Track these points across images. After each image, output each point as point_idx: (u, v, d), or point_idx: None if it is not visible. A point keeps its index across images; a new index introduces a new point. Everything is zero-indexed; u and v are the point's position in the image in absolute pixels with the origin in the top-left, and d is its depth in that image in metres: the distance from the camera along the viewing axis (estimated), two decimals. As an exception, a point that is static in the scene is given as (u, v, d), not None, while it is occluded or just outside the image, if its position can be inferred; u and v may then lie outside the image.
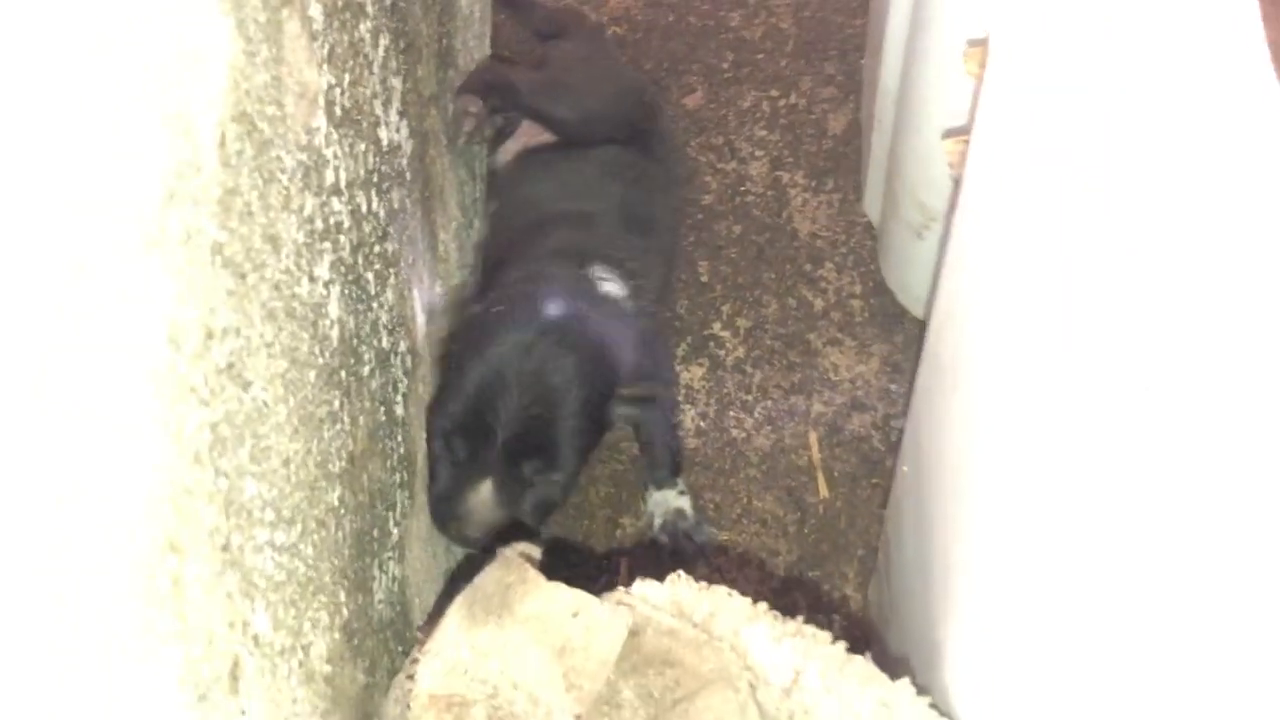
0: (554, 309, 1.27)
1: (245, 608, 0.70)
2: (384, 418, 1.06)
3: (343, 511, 0.91)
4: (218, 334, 0.67)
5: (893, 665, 0.92)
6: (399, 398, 1.12)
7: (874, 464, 1.56)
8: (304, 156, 0.84)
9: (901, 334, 1.63)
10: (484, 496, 1.23)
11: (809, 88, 1.81)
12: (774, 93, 1.81)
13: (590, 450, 1.33)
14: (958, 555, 0.90)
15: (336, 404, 0.90)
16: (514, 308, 1.28)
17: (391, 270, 1.10)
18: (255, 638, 0.72)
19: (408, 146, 1.19)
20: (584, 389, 1.24)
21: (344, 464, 0.92)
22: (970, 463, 0.87)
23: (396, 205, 1.13)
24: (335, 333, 0.90)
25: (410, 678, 0.94)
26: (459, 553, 1.33)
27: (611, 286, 1.37)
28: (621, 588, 0.94)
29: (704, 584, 0.93)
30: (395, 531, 1.08)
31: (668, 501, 1.48)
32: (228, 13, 0.70)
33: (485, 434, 1.23)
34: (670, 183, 1.62)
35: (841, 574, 1.51)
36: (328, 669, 0.86)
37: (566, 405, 1.23)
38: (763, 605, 0.92)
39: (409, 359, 1.17)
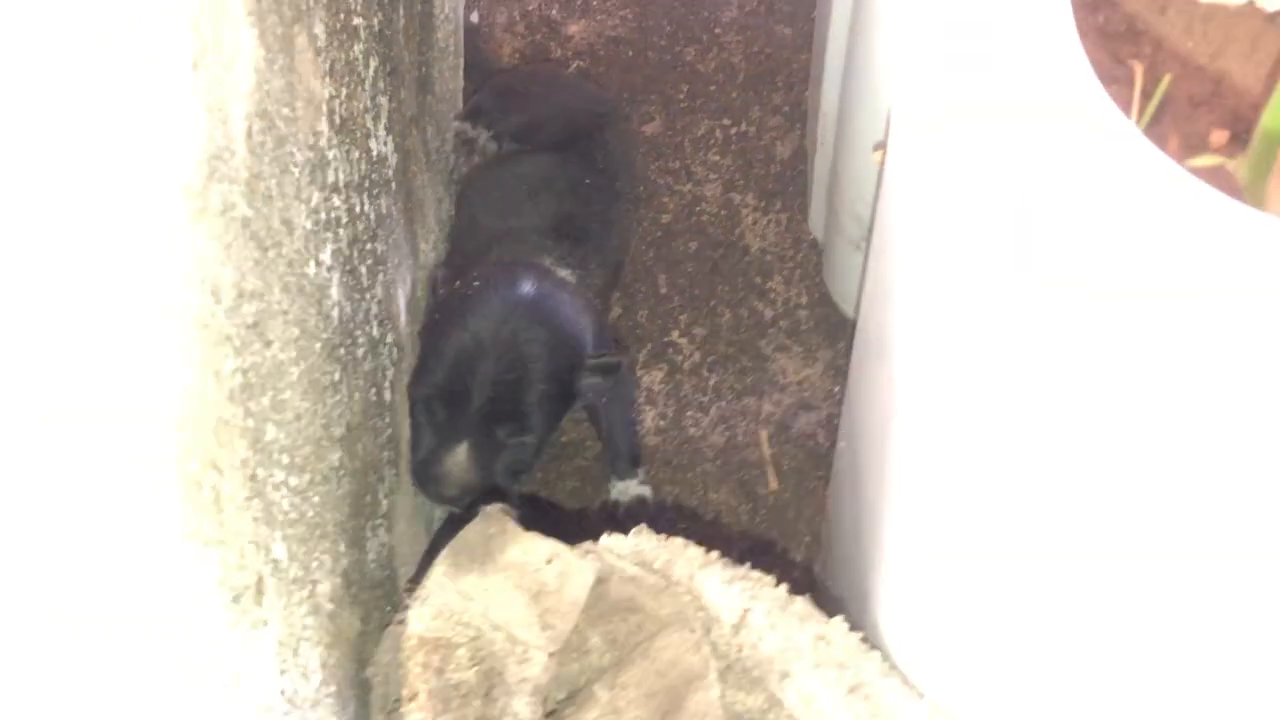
0: (524, 287, 1.38)
1: (267, 534, 0.81)
2: (374, 398, 1.16)
3: (342, 472, 1.01)
4: (247, 294, 0.78)
5: (830, 607, 1.03)
6: (387, 383, 1.22)
7: (819, 458, 1.67)
8: (311, 155, 0.95)
9: (844, 340, 1.75)
10: (460, 458, 1.32)
11: (758, 117, 1.93)
12: (726, 121, 1.93)
13: (559, 416, 1.43)
14: (884, 509, 1.01)
15: (337, 376, 1.01)
16: (487, 285, 1.39)
17: (380, 268, 1.21)
18: (275, 563, 0.82)
19: (393, 160, 1.30)
20: (554, 357, 1.35)
21: (343, 430, 1.02)
22: (894, 424, 0.98)
23: (384, 211, 1.24)
24: (335, 313, 1.01)
25: (400, 624, 1.04)
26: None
27: (565, 273, 1.48)
28: (589, 541, 1.05)
29: (663, 536, 1.04)
30: (384, 503, 1.18)
31: (629, 491, 1.58)
32: (253, 24, 0.81)
33: (462, 400, 1.32)
34: (611, 193, 1.69)
35: (790, 559, 1.62)
36: (331, 607, 0.96)
37: (537, 372, 1.34)
38: (714, 553, 1.03)
39: (395, 350, 1.27)
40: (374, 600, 1.10)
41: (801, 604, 1.01)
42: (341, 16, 1.06)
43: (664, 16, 2.03)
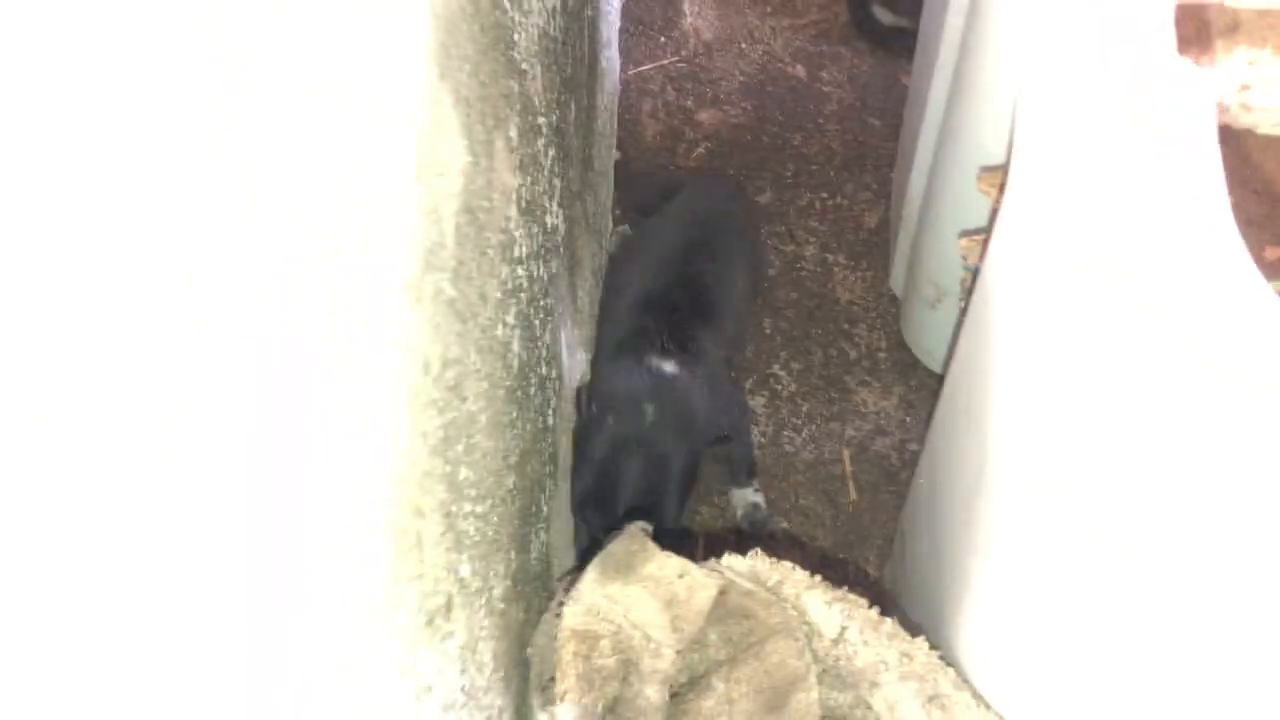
0: (647, 389, 1.30)
1: (456, 559, 0.75)
2: (541, 426, 1.10)
3: (515, 492, 0.95)
4: (450, 362, 0.72)
5: (911, 628, 0.94)
6: (550, 411, 1.16)
7: (891, 475, 1.57)
8: (503, 236, 0.88)
9: (915, 379, 1.64)
10: None
11: (851, 191, 1.84)
12: (824, 195, 1.84)
13: (691, 487, 1.35)
14: (968, 553, 0.92)
15: (514, 414, 0.94)
16: (605, 416, 1.30)
17: (550, 318, 1.14)
18: (461, 581, 0.76)
19: (562, 228, 1.24)
20: (677, 463, 1.28)
21: (517, 458, 0.96)
22: (977, 477, 0.89)
23: (555, 271, 1.17)
24: (516, 363, 0.95)
25: (557, 616, 0.97)
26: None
27: (669, 367, 1.34)
28: (713, 559, 0.97)
29: (775, 559, 0.96)
30: (545, 509, 1.12)
31: (746, 498, 1.50)
32: (462, 135, 0.75)
33: (610, 504, 1.28)
34: (731, 271, 1.52)
35: (865, 558, 1.52)
36: (502, 606, 0.90)
37: (669, 480, 1.27)
38: (818, 577, 0.94)
39: (557, 383, 1.21)
40: (534, 592, 1.04)
41: (890, 624, 0.92)
42: (530, 118, 1.00)
43: (776, 108, 1.93)
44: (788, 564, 0.95)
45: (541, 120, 1.08)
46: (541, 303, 1.09)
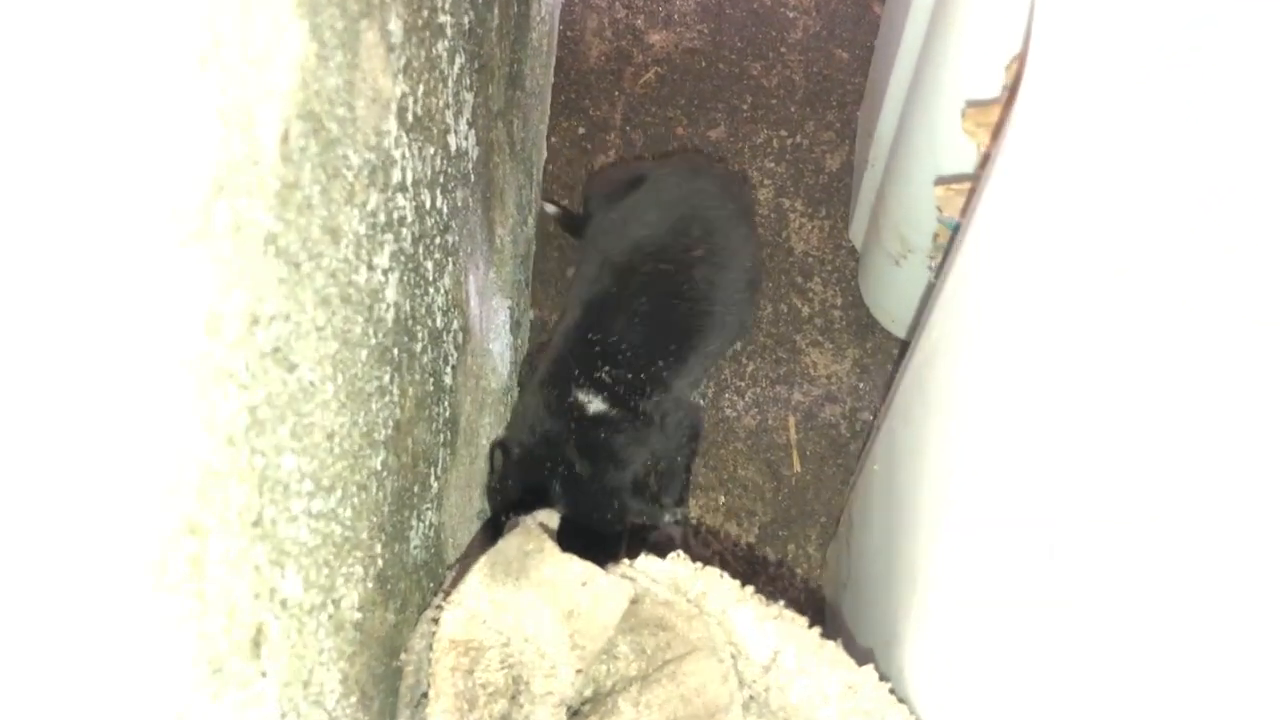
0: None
1: (274, 575, 0.57)
2: (432, 388, 0.92)
3: (385, 474, 0.77)
4: (264, 320, 0.53)
5: (859, 654, 0.78)
6: (448, 369, 0.98)
7: (840, 447, 1.42)
8: (371, 156, 0.69)
9: (872, 341, 1.48)
10: None
11: (812, 130, 1.65)
12: (783, 133, 1.65)
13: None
14: (927, 554, 0.76)
15: (387, 378, 0.76)
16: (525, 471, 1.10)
17: (450, 259, 0.96)
18: (283, 601, 0.58)
19: (474, 153, 1.04)
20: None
21: (390, 431, 0.78)
22: (947, 476, 0.73)
23: (460, 203, 0.98)
24: (390, 315, 0.76)
25: (435, 621, 0.81)
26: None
27: (598, 405, 1.12)
28: (626, 560, 0.80)
29: (699, 564, 0.80)
30: (435, 485, 0.94)
31: (665, 525, 1.28)
32: (302, 16, 0.56)
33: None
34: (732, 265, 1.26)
35: (805, 535, 1.37)
36: (358, 616, 0.72)
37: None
38: (749, 589, 0.78)
39: (460, 335, 1.03)
40: (414, 585, 0.87)
41: (832, 649, 0.76)
42: (425, 13, 0.80)
43: (736, 34, 1.73)
44: (714, 570, 0.79)
45: (445, 19, 0.88)
46: (438, 240, 0.90)
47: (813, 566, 1.35)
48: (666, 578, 0.79)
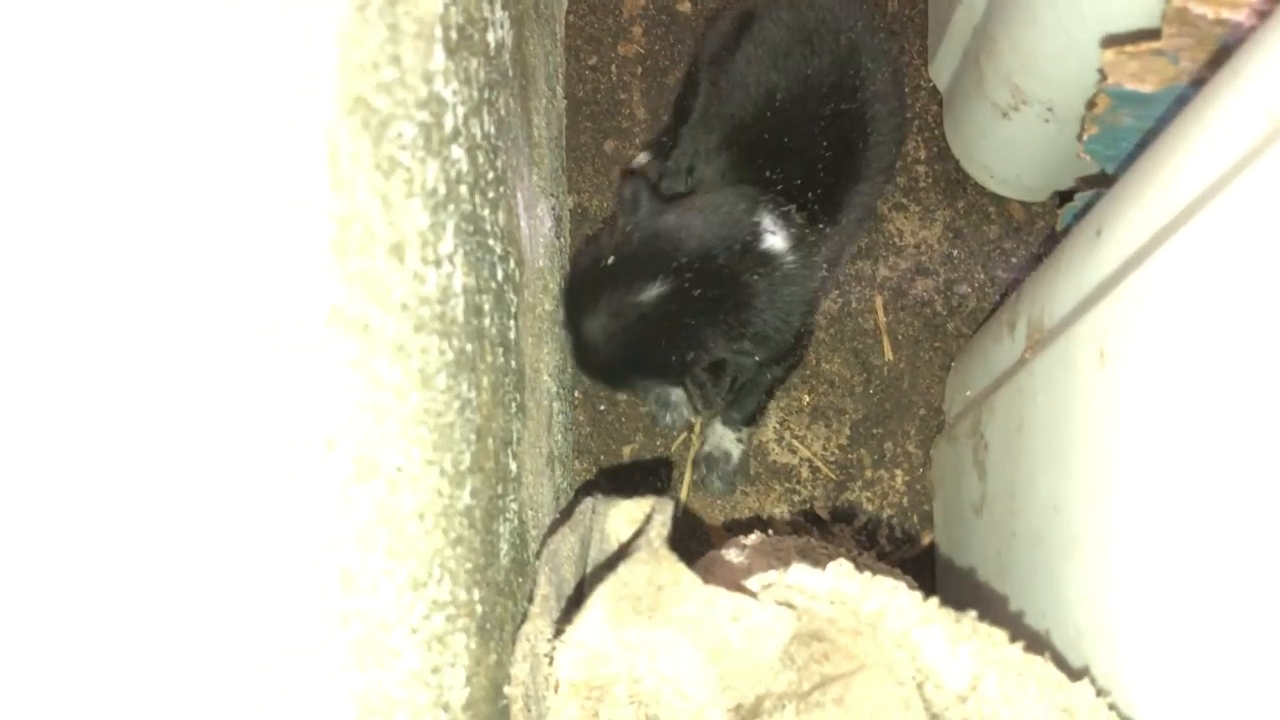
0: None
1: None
2: (501, 357, 0.75)
3: (474, 505, 0.62)
4: (338, 444, 0.36)
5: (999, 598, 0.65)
6: (511, 323, 0.81)
7: (936, 328, 1.26)
8: (424, 114, 0.50)
9: (964, 199, 1.30)
10: None
11: (873, -56, 1.40)
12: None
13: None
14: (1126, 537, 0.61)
15: (465, 387, 0.60)
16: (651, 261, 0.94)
17: (501, 187, 0.77)
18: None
19: (509, 40, 0.83)
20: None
21: (473, 448, 0.62)
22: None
23: (503, 112, 0.78)
24: (460, 306, 0.59)
25: (547, 658, 0.67)
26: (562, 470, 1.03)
27: (774, 240, 0.96)
28: (777, 571, 0.66)
29: (866, 572, 0.65)
30: (514, 467, 0.79)
31: (723, 444, 1.17)
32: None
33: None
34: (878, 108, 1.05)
35: (904, 432, 1.23)
36: (466, 692, 0.59)
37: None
38: (934, 601, 0.64)
39: (516, 273, 0.85)
40: (507, 597, 0.73)
41: (1040, 666, 0.63)
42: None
43: None
44: (887, 581, 0.65)
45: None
46: (490, 174, 0.72)
47: (914, 466, 1.22)
48: (828, 593, 0.65)
